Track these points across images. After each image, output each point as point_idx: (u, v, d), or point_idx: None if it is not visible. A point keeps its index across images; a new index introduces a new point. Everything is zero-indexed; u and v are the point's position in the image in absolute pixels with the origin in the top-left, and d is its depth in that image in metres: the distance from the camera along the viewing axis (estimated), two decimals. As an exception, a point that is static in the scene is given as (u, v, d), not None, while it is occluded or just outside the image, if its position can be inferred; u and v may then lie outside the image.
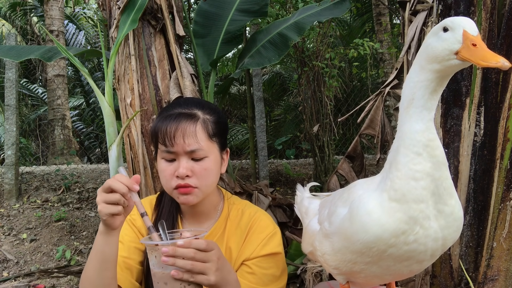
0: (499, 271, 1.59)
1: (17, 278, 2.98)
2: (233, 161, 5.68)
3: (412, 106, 0.89)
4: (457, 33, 0.83)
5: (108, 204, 0.96)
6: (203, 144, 1.14)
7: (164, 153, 1.14)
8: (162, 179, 1.18)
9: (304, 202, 1.33)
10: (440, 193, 0.88)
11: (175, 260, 0.90)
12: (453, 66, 0.85)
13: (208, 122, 1.17)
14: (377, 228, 0.88)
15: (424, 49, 0.90)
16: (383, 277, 1.00)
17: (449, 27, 0.85)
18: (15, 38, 4.08)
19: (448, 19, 0.87)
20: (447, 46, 0.84)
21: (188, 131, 1.12)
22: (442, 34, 0.86)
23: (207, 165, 1.15)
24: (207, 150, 1.15)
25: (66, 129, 6.57)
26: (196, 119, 1.15)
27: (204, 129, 1.15)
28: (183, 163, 1.12)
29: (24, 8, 9.03)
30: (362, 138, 2.28)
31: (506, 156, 1.60)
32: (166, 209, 1.26)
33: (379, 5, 6.25)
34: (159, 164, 1.18)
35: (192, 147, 1.12)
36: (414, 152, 0.87)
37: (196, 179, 1.13)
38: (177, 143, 1.11)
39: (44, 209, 3.83)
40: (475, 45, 0.81)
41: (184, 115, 1.15)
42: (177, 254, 0.90)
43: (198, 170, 1.13)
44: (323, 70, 4.07)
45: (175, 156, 1.13)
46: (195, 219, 1.27)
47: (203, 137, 1.14)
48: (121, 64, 2.23)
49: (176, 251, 0.90)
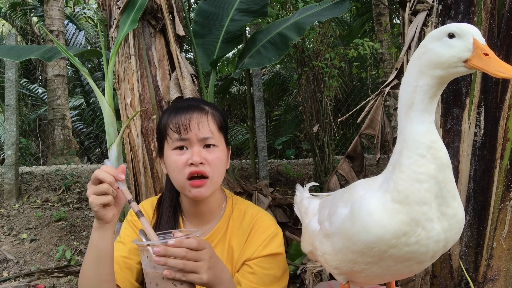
0: (499, 271, 1.59)
1: (17, 278, 2.98)
2: (233, 161, 5.67)
3: (412, 110, 0.89)
4: (467, 41, 0.83)
5: (98, 195, 0.97)
6: (214, 134, 1.18)
7: (177, 141, 1.16)
8: (174, 171, 1.17)
9: (303, 202, 1.33)
10: (443, 195, 0.88)
11: (167, 260, 0.90)
12: (458, 73, 0.84)
13: (216, 116, 1.23)
14: (378, 229, 0.88)
15: (424, 54, 0.88)
16: (383, 276, 1.00)
17: (456, 34, 0.84)
18: (15, 38, 4.08)
19: (453, 25, 0.86)
20: (455, 54, 0.83)
21: (202, 119, 1.17)
22: (449, 40, 0.85)
23: (219, 155, 1.18)
24: (217, 140, 1.19)
25: (66, 129, 6.57)
26: (206, 111, 1.20)
27: (214, 120, 1.20)
28: (197, 150, 1.15)
29: (24, 8, 9.03)
30: (362, 138, 2.28)
31: (506, 156, 1.60)
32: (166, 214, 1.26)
33: (379, 5, 6.25)
34: (169, 157, 1.18)
35: (206, 134, 1.16)
36: (418, 154, 0.87)
37: (209, 167, 1.15)
38: (191, 129, 1.15)
39: (44, 209, 3.83)
40: (487, 55, 0.81)
41: (194, 107, 1.20)
42: (168, 254, 0.90)
43: (211, 159, 1.16)
44: (323, 70, 4.07)
45: (188, 144, 1.16)
46: (199, 219, 1.27)
47: (214, 127, 1.19)
48: (121, 64, 2.23)
49: (168, 250, 0.90)
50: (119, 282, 1.17)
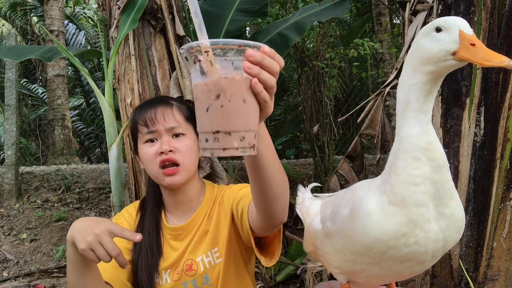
0: (499, 271, 1.59)
1: (17, 278, 2.98)
2: (233, 161, 5.67)
3: (408, 110, 0.89)
4: (453, 33, 0.82)
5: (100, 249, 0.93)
6: (180, 123, 1.24)
7: (146, 135, 1.22)
8: (146, 162, 1.23)
9: (305, 202, 1.34)
10: (440, 196, 0.87)
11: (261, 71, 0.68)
12: (449, 67, 0.84)
13: (182, 108, 1.29)
14: (377, 230, 0.88)
15: (415, 51, 0.88)
16: (384, 277, 1.00)
17: (442, 27, 0.84)
18: (15, 38, 4.08)
19: (440, 19, 0.85)
20: (443, 47, 0.83)
21: (166, 111, 1.24)
22: (436, 34, 0.84)
23: (187, 142, 1.23)
24: (185, 128, 1.24)
25: (66, 129, 6.57)
26: (171, 104, 1.27)
27: (179, 112, 1.26)
28: (165, 139, 1.21)
29: (24, 8, 9.03)
30: (362, 138, 2.28)
31: (506, 156, 1.60)
32: (149, 207, 1.31)
33: (379, 5, 6.25)
34: (141, 150, 1.24)
35: (172, 124, 1.22)
36: (413, 156, 0.86)
37: (179, 155, 1.21)
38: (158, 121, 1.21)
39: (44, 209, 3.83)
40: (473, 45, 0.80)
41: (159, 100, 1.28)
42: (264, 63, 0.68)
43: (179, 146, 1.21)
44: (323, 70, 4.07)
45: (157, 136, 1.22)
46: (179, 209, 1.30)
47: (180, 117, 1.25)
48: (121, 64, 2.23)
49: (264, 58, 0.68)
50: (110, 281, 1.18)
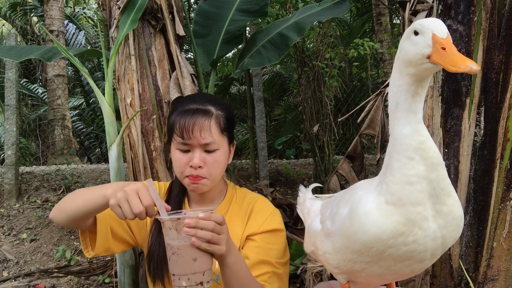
0: (499, 271, 1.59)
1: (17, 278, 2.98)
2: (233, 161, 5.67)
3: (398, 110, 0.89)
4: (427, 36, 0.82)
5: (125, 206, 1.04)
6: (216, 138, 1.25)
7: (180, 144, 1.25)
8: (176, 167, 1.29)
9: (306, 203, 1.35)
10: (437, 194, 0.88)
11: (197, 231, 0.98)
12: (428, 69, 0.84)
13: (220, 117, 1.28)
14: (375, 229, 0.89)
15: (399, 53, 0.89)
16: (384, 276, 1.00)
17: (419, 30, 0.84)
18: (15, 38, 4.08)
19: (417, 21, 0.85)
20: (418, 51, 0.83)
21: (204, 126, 1.24)
22: (414, 37, 0.84)
23: (218, 157, 1.26)
24: (219, 143, 1.26)
25: (66, 129, 6.57)
26: (210, 114, 1.26)
27: (217, 124, 1.26)
28: (197, 154, 1.24)
29: (24, 8, 9.03)
30: (362, 138, 2.28)
31: (506, 156, 1.60)
32: (175, 193, 1.38)
33: (379, 5, 6.25)
34: (174, 154, 1.29)
35: (207, 140, 1.23)
36: (406, 156, 0.87)
37: (207, 170, 1.25)
38: (194, 136, 1.23)
39: (44, 209, 3.83)
40: (444, 49, 0.79)
41: (200, 111, 1.26)
42: (198, 226, 0.98)
43: (209, 162, 1.25)
44: (323, 70, 4.07)
45: (190, 148, 1.25)
46: (201, 204, 1.37)
47: (216, 131, 1.26)
48: (121, 64, 2.23)
49: (199, 222, 0.98)
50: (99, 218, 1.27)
